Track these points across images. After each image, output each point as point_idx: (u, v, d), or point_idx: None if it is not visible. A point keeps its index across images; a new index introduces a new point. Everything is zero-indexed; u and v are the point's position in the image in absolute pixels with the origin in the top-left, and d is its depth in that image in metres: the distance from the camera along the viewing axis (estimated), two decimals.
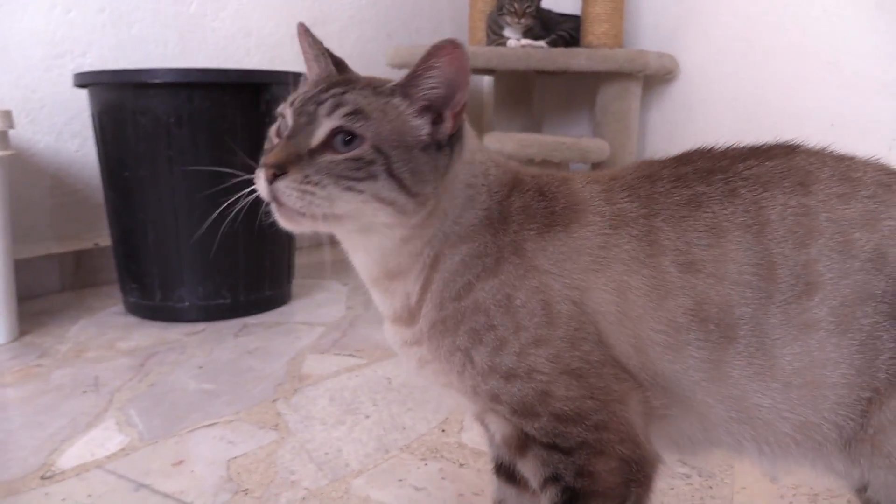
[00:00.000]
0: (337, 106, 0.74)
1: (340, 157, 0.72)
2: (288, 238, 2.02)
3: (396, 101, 0.76)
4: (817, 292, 0.70)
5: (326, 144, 0.72)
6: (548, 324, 0.73)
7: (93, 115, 1.88)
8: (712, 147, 0.82)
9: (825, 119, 2.64)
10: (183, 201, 1.79)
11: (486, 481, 1.05)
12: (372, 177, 0.72)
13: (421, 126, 0.76)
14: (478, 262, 0.76)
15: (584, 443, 0.73)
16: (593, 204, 0.77)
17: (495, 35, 2.84)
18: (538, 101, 3.27)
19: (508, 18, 2.78)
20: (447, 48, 0.73)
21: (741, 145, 0.81)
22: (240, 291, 1.90)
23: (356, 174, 0.72)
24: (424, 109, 0.76)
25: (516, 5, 2.76)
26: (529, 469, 0.76)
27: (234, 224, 1.82)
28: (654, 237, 0.74)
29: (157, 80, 1.71)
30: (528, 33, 2.79)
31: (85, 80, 1.83)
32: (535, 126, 3.26)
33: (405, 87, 0.76)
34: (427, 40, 3.31)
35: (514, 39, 2.77)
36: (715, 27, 2.79)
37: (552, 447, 0.74)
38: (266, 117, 1.81)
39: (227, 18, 2.55)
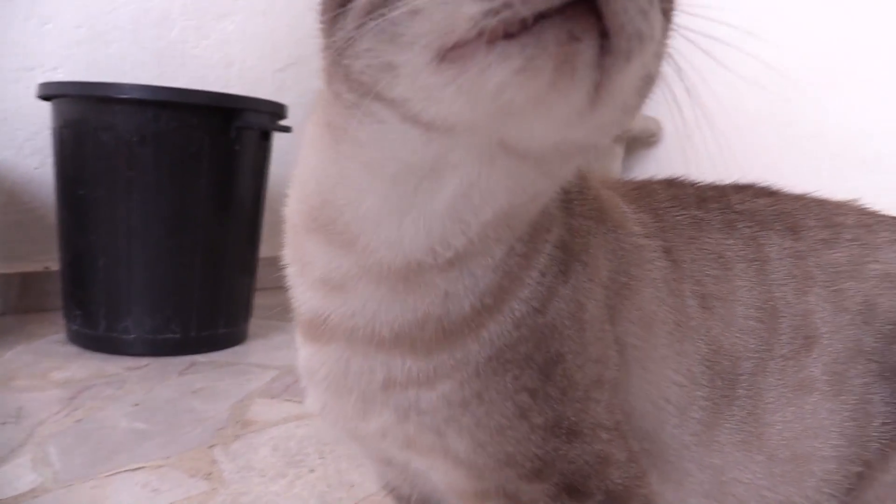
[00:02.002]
0: None
1: None
2: (249, 274, 1.92)
3: None
4: (815, 348, 0.62)
5: None
6: (602, 360, 0.55)
7: (53, 130, 1.78)
8: (693, 179, 0.76)
9: (806, 190, 2.61)
10: (139, 226, 1.68)
11: None
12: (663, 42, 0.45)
13: None
14: (559, 256, 0.54)
15: None
16: (626, 208, 0.64)
17: None
18: None
19: None
20: None
21: (722, 182, 0.76)
22: (191, 327, 1.77)
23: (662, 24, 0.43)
24: None
25: None
26: None
27: (192, 254, 1.74)
28: (675, 256, 0.62)
29: (122, 96, 1.62)
30: None
31: (49, 91, 1.74)
32: None
33: None
34: None
35: None
36: (701, 92, 2.77)
37: None
38: (236, 144, 1.72)
39: (209, 47, 2.48)
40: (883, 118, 2.51)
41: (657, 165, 2.93)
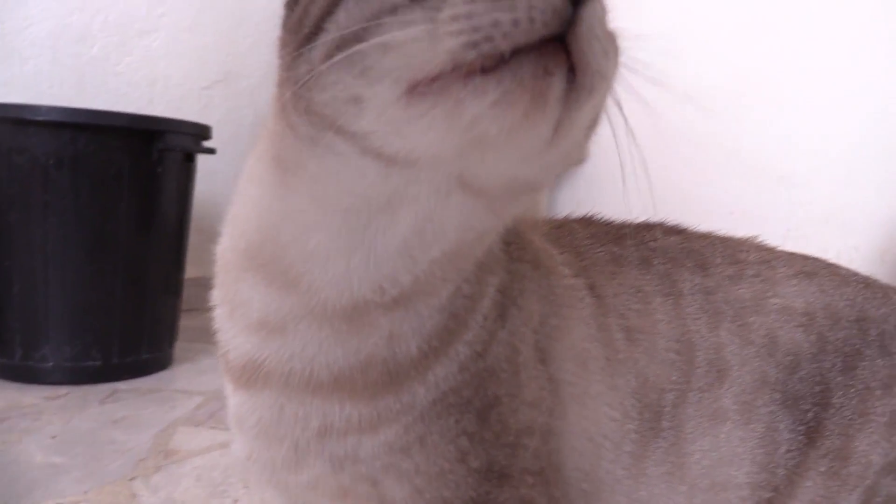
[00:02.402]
0: None
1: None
2: (173, 296, 1.88)
3: None
4: (726, 380, 0.65)
5: None
6: (535, 405, 0.56)
7: None
8: (606, 217, 0.79)
9: (726, 206, 2.71)
10: (56, 250, 1.63)
11: None
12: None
13: None
14: (499, 300, 0.56)
15: None
16: (553, 250, 0.66)
17: None
18: None
19: None
20: None
21: (634, 221, 0.78)
22: (113, 353, 1.73)
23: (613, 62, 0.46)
24: None
25: None
26: None
27: (114, 278, 1.70)
28: (599, 292, 0.64)
29: (38, 118, 1.58)
30: None
31: None
32: None
33: None
34: None
35: None
36: (625, 112, 2.86)
37: None
38: (158, 166, 1.69)
39: (132, 63, 2.43)
40: (797, 137, 2.63)
41: (585, 182, 3.00)
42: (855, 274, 0.74)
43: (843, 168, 2.58)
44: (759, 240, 0.78)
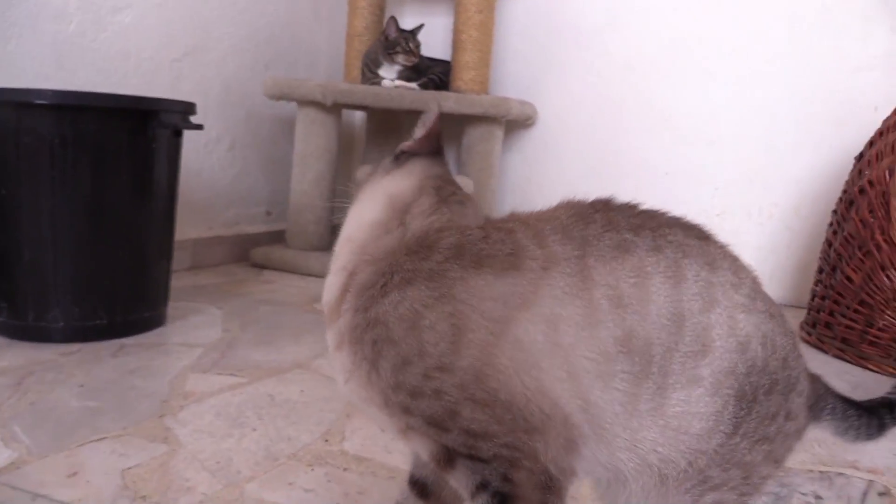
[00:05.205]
0: None
1: None
2: (166, 259, 2.06)
3: None
4: (708, 355, 0.80)
5: None
6: (453, 352, 0.75)
7: None
8: (638, 205, 0.90)
9: (661, 168, 2.99)
10: (62, 221, 1.81)
11: (368, 483, 1.18)
12: None
13: None
14: (382, 279, 0.80)
15: (498, 455, 0.77)
16: (528, 250, 0.81)
17: (371, 73, 3.00)
18: (408, 138, 3.45)
19: (403, 57, 2.94)
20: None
21: (667, 213, 0.89)
22: (116, 312, 1.92)
23: None
24: None
25: (411, 45, 2.96)
26: (460, 481, 0.79)
27: (115, 245, 1.88)
28: (587, 274, 0.79)
29: (44, 101, 1.73)
30: (401, 75, 2.98)
31: None
32: None
33: None
34: (303, 73, 3.41)
35: (389, 80, 2.94)
36: (571, 80, 3.09)
37: (473, 457, 0.77)
38: (153, 143, 1.87)
39: (107, 40, 2.55)
40: (724, 105, 2.90)
41: (534, 145, 3.24)
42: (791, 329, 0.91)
43: (763, 133, 2.87)
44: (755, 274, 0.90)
